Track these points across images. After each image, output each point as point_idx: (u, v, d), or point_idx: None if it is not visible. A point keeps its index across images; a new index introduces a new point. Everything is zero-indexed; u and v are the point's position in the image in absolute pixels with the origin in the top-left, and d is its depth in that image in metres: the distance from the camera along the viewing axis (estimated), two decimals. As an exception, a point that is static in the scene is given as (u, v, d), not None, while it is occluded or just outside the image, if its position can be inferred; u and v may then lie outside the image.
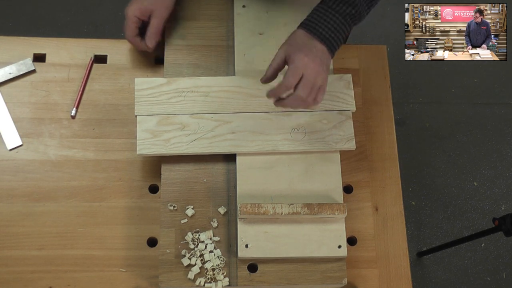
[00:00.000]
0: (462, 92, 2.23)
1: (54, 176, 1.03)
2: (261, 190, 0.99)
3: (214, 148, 1.00)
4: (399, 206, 1.06)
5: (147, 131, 1.00)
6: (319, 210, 0.95)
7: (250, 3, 1.13)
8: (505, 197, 2.08)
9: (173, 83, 1.04)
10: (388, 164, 1.09)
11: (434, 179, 2.08)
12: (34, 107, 1.08)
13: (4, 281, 0.97)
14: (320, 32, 0.91)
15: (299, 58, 0.89)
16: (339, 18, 0.91)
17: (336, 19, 0.91)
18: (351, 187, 1.06)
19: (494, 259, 1.98)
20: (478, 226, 2.02)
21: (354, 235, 1.03)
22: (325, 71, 0.91)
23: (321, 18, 0.92)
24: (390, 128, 1.12)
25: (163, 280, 0.95)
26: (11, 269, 0.98)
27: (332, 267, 0.97)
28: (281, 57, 0.92)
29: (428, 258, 1.97)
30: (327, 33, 0.91)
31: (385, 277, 1.02)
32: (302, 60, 0.89)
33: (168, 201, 1.00)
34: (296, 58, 0.89)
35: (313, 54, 0.90)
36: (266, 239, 0.96)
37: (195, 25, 1.13)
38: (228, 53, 1.11)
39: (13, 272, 0.97)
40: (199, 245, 0.97)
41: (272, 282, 0.96)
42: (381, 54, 1.17)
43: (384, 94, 1.14)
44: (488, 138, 2.16)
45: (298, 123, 1.03)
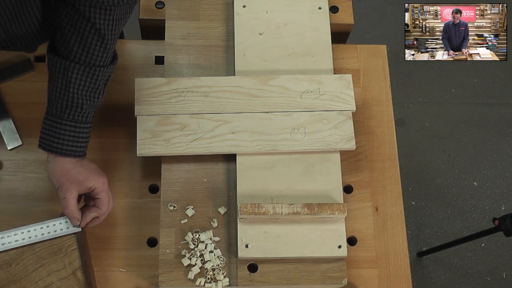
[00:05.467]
0: (462, 92, 2.23)
1: (54, 176, 1.03)
2: (261, 190, 0.99)
3: (214, 148, 1.00)
4: (399, 206, 1.06)
5: (147, 131, 1.00)
6: (319, 210, 0.95)
7: (250, 3, 1.13)
8: (505, 197, 2.08)
9: (173, 83, 1.04)
10: (388, 164, 1.09)
11: (434, 179, 2.08)
12: (34, 107, 1.08)
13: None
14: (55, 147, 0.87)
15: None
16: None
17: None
18: (351, 187, 1.06)
19: (494, 259, 1.98)
20: (478, 226, 2.02)
21: (354, 235, 1.03)
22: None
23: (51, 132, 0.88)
24: (390, 128, 1.12)
25: (163, 280, 0.95)
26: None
27: (332, 267, 0.97)
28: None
29: (428, 258, 1.97)
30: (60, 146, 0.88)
31: (385, 277, 1.02)
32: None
33: (168, 201, 1.00)
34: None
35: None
36: (266, 239, 0.96)
37: (195, 25, 1.13)
38: (228, 53, 1.11)
39: (13, 272, 0.97)
40: (199, 245, 0.97)
41: (272, 282, 0.96)
42: (381, 54, 1.17)
43: (384, 94, 1.14)
44: (488, 138, 2.16)
45: (298, 123, 1.03)
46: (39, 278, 0.86)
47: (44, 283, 0.86)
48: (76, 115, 0.87)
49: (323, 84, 1.06)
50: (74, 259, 0.88)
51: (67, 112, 0.87)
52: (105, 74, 0.90)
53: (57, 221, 0.89)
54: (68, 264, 0.88)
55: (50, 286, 0.86)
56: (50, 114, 0.88)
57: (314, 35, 1.11)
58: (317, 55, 1.10)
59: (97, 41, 0.85)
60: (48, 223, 0.89)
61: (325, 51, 1.10)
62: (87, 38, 0.85)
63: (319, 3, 1.14)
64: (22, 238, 0.87)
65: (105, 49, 0.87)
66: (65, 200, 0.87)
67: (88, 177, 0.89)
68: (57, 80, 0.87)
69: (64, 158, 0.88)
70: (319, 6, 1.13)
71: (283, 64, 1.09)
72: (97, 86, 0.89)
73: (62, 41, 0.86)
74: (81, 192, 0.89)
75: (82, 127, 0.88)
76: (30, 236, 0.87)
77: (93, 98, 0.89)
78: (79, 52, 0.85)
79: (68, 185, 0.87)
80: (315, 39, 1.11)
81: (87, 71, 0.86)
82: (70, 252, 0.88)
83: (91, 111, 0.90)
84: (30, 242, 0.87)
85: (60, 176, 0.88)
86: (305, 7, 1.13)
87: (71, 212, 0.88)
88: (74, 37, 0.85)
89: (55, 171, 0.88)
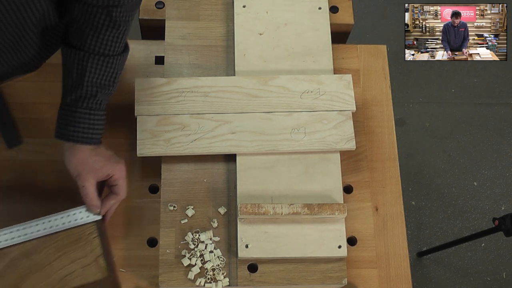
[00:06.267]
0: (462, 92, 2.23)
1: (54, 176, 1.03)
2: (261, 190, 0.99)
3: (214, 148, 1.00)
4: (399, 206, 1.06)
5: (147, 131, 1.00)
6: (319, 210, 0.95)
7: (250, 3, 1.13)
8: (505, 197, 2.07)
9: (173, 83, 1.04)
10: (388, 164, 1.09)
11: (434, 179, 2.08)
12: (34, 107, 1.08)
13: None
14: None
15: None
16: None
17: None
18: (351, 187, 1.06)
19: (494, 259, 1.98)
20: (478, 226, 2.02)
21: (354, 235, 1.03)
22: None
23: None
24: (390, 128, 1.12)
25: (163, 280, 0.95)
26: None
27: (332, 267, 0.97)
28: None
29: (428, 258, 1.97)
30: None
31: (385, 277, 1.01)
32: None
33: (168, 201, 1.00)
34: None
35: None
36: (266, 239, 0.96)
37: (195, 25, 1.13)
38: (228, 53, 1.11)
39: (13, 272, 0.97)
40: (199, 245, 0.97)
41: (272, 282, 0.96)
42: (381, 54, 1.17)
43: (384, 94, 1.14)
44: (488, 138, 2.16)
45: (298, 123, 1.03)
46: (61, 266, 0.88)
47: (67, 271, 0.88)
48: (91, 103, 0.88)
49: (323, 84, 1.06)
50: (95, 247, 0.89)
51: (81, 101, 0.88)
52: (119, 62, 0.91)
53: (77, 210, 0.91)
54: (89, 251, 0.89)
55: (72, 273, 0.88)
56: (66, 104, 0.89)
57: (314, 35, 1.11)
58: (317, 55, 1.10)
59: (111, 31, 0.87)
60: (69, 212, 0.91)
61: (325, 51, 1.10)
62: (101, 29, 0.86)
63: (319, 3, 1.14)
64: (44, 228, 0.89)
65: (121, 38, 0.89)
66: (83, 188, 0.89)
67: (105, 164, 0.90)
68: (72, 70, 0.88)
69: (80, 147, 0.89)
70: (319, 6, 1.13)
71: (283, 64, 1.09)
72: (111, 74, 0.90)
73: (76, 35, 0.88)
74: (99, 179, 0.90)
75: (97, 114, 0.89)
76: (51, 226, 0.90)
77: (108, 86, 0.90)
78: (93, 43, 0.87)
79: (86, 173, 0.88)
80: (315, 39, 1.11)
81: (102, 59, 0.88)
82: (91, 240, 0.90)
83: (105, 98, 0.91)
84: (51, 232, 0.89)
85: (77, 165, 0.89)
86: (305, 7, 1.13)
87: (90, 200, 0.89)
88: (88, 30, 0.86)
89: (72, 160, 0.89)
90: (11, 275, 0.86)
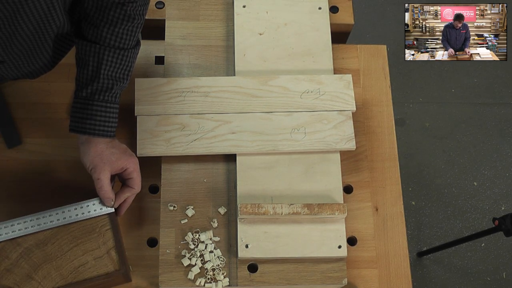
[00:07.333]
0: (462, 92, 2.23)
1: (54, 176, 1.03)
2: (261, 190, 0.99)
3: (214, 148, 1.00)
4: (399, 206, 1.06)
5: (147, 131, 1.00)
6: (319, 210, 0.95)
7: (250, 3, 1.13)
8: (505, 197, 2.07)
9: (173, 83, 1.04)
10: (388, 164, 1.09)
11: (434, 179, 2.08)
12: (34, 107, 1.08)
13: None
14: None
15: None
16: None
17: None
18: (351, 187, 1.06)
19: (494, 259, 1.98)
20: (478, 226, 2.02)
21: (354, 235, 1.03)
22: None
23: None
24: (390, 128, 1.12)
25: (163, 280, 0.95)
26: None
27: (332, 267, 0.97)
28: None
29: (428, 258, 1.97)
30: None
31: (385, 277, 1.02)
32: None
33: (168, 201, 1.00)
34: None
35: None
36: (266, 239, 0.96)
37: (195, 25, 1.13)
38: (228, 53, 1.11)
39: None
40: (199, 245, 0.97)
41: (272, 282, 0.96)
42: (381, 54, 1.17)
43: (384, 94, 1.14)
44: (488, 138, 2.16)
45: (298, 123, 1.03)
46: (74, 257, 0.89)
47: (79, 262, 0.89)
48: (107, 96, 0.89)
49: (323, 84, 1.06)
50: (108, 239, 0.90)
51: (97, 93, 0.89)
52: (133, 55, 0.92)
53: (90, 202, 0.92)
54: (102, 244, 0.90)
55: (85, 265, 0.89)
56: (81, 98, 0.89)
57: (314, 35, 1.11)
58: (317, 55, 1.10)
59: (126, 24, 0.88)
60: (82, 204, 0.92)
61: (325, 51, 1.10)
62: (117, 23, 0.87)
63: (319, 3, 1.14)
64: (57, 219, 0.90)
65: (135, 32, 0.90)
66: (99, 181, 0.89)
67: (121, 157, 0.90)
68: (88, 63, 0.89)
69: (97, 139, 0.89)
70: (319, 6, 1.13)
71: (283, 64, 1.09)
72: (126, 67, 0.91)
73: (90, 29, 0.88)
74: (114, 172, 0.91)
75: (112, 107, 0.90)
76: (64, 217, 0.91)
77: (122, 79, 0.91)
78: (109, 36, 0.88)
79: (102, 166, 0.89)
80: (315, 39, 1.11)
81: (118, 53, 0.89)
82: (104, 232, 0.91)
83: (119, 91, 0.92)
84: (65, 223, 0.90)
85: (93, 157, 0.89)
86: (305, 7, 1.13)
87: (105, 193, 0.90)
88: (103, 24, 0.87)
89: (89, 153, 0.89)
90: (25, 264, 0.88)
